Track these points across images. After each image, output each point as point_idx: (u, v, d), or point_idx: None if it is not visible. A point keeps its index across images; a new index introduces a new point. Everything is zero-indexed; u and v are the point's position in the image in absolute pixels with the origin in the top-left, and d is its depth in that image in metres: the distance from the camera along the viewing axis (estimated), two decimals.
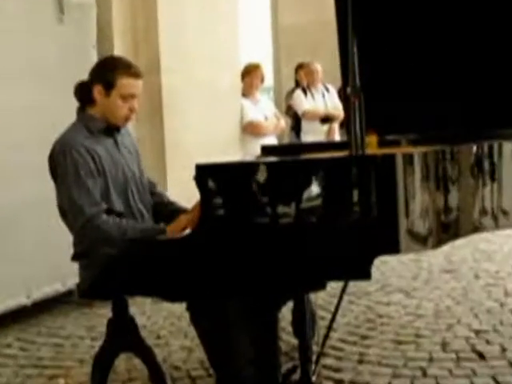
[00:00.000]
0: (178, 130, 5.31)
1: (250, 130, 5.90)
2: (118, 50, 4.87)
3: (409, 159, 2.40)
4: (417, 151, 2.49)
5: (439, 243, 2.54)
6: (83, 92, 2.87)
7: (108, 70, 2.82)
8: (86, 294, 2.95)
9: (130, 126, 3.10)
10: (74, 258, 2.86)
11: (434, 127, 3.19)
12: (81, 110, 2.91)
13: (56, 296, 4.60)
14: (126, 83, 2.80)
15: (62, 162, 2.73)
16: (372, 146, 3.13)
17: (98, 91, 2.82)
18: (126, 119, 2.88)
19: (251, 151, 5.54)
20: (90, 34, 4.80)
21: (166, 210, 3.05)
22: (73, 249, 2.86)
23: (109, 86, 2.80)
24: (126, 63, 2.87)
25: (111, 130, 2.89)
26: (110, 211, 2.73)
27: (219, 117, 5.64)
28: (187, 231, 2.65)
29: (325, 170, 2.39)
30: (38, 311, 4.49)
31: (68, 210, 2.74)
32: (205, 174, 2.47)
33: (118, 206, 2.80)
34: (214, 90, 5.59)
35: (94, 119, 2.85)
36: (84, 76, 2.91)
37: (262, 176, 2.43)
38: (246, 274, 2.44)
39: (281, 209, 2.40)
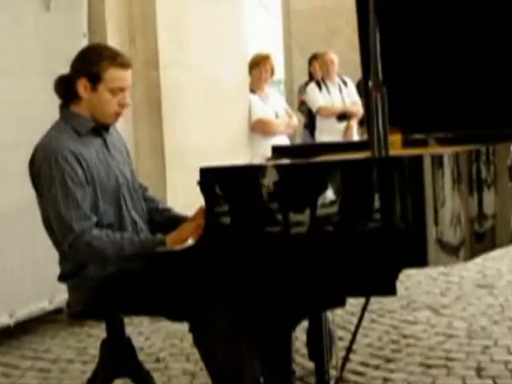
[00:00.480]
0: (179, 130, 5.32)
1: (259, 128, 5.92)
2: (112, 43, 4.88)
3: (438, 161, 2.40)
4: (447, 152, 2.49)
5: (472, 255, 2.54)
6: (66, 87, 2.81)
7: (92, 61, 2.76)
8: (76, 315, 2.92)
9: (128, 126, 3.09)
10: (61, 278, 2.84)
11: (466, 125, 3.18)
12: (64, 108, 2.84)
13: (42, 315, 4.61)
14: (113, 75, 2.74)
15: (47, 171, 2.68)
16: (396, 146, 3.13)
17: (82, 86, 2.76)
18: (117, 115, 2.83)
19: (261, 152, 5.55)
20: (80, 22, 4.82)
21: (160, 218, 3.01)
22: (59, 268, 2.83)
23: (95, 80, 2.74)
24: (112, 52, 2.82)
25: (99, 129, 2.83)
26: (98, 223, 2.69)
27: (225, 114, 5.65)
28: (190, 241, 2.66)
29: (343, 173, 2.40)
30: (21, 332, 4.50)
31: (55, 226, 2.70)
32: (210, 178, 2.48)
33: (108, 216, 2.76)
34: (218, 84, 5.60)
35: (79, 118, 2.79)
36: None
37: (272, 180, 2.44)
38: (256, 289, 2.44)
39: (294, 217, 2.40)
